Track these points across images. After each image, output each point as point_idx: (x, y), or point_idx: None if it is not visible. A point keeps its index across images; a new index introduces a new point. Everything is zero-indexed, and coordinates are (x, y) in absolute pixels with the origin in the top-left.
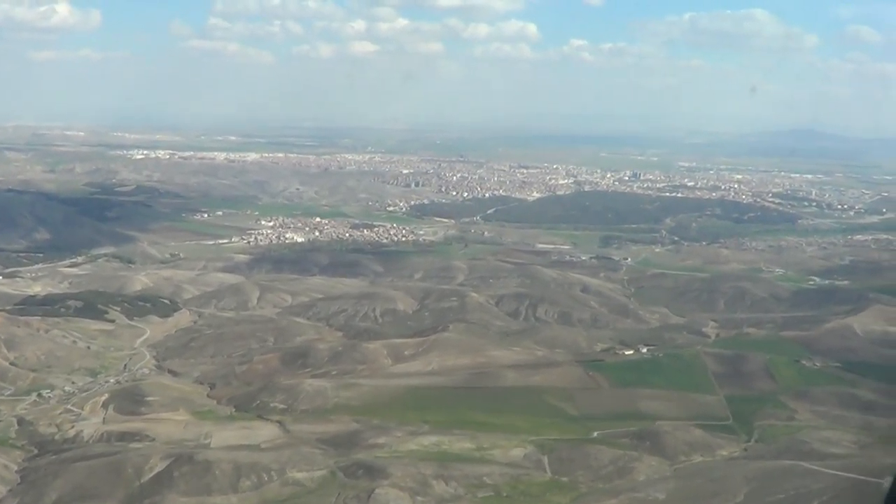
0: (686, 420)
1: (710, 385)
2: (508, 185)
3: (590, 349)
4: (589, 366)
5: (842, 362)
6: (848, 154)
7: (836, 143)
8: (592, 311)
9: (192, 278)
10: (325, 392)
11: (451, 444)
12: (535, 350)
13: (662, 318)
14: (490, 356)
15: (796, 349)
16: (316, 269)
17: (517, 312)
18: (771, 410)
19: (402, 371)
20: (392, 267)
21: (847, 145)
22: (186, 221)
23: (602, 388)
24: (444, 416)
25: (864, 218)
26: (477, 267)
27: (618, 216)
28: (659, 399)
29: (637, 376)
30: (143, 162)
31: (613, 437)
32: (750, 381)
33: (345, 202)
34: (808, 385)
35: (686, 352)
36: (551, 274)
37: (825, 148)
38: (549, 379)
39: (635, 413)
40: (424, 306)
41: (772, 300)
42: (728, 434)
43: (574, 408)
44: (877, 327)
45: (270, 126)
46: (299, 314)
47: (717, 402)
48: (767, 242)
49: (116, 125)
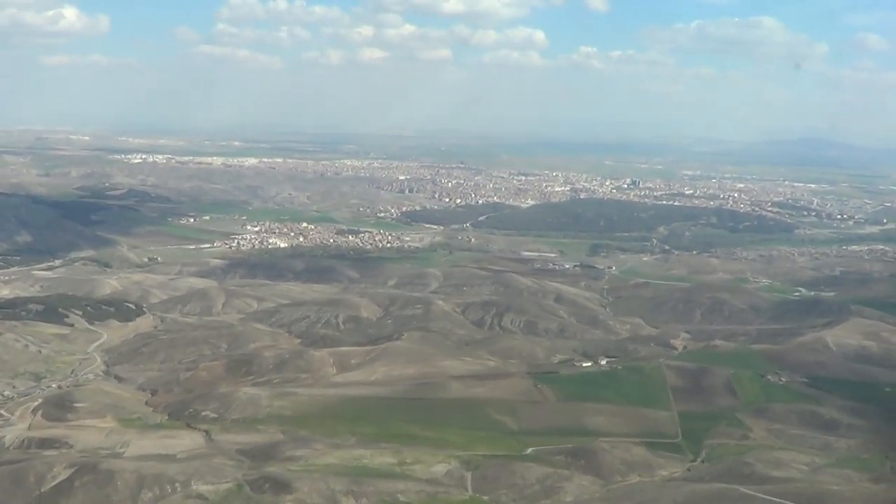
0: (632, 437)
1: (665, 400)
2: (503, 192)
3: (547, 360)
4: (540, 378)
5: (810, 378)
6: (857, 163)
7: (845, 152)
8: (560, 320)
9: (162, 283)
10: (258, 401)
11: (372, 457)
12: (488, 361)
13: (634, 329)
14: (438, 366)
15: (764, 363)
16: (291, 274)
17: (482, 321)
18: (725, 428)
19: (345, 380)
20: (367, 273)
21: (857, 154)
22: (172, 226)
23: (548, 402)
24: (375, 428)
25: (863, 228)
26: (452, 274)
27: (610, 224)
28: (607, 414)
29: (588, 390)
30: (139, 166)
31: (548, 453)
32: (709, 397)
33: (336, 208)
34: (770, 402)
35: (647, 365)
36: (526, 282)
37: (834, 157)
38: (495, 391)
39: (579, 429)
40: (388, 313)
41: (750, 312)
42: (674, 453)
43: (515, 422)
44: (852, 341)
45: (277, 132)
46: (262, 320)
47: (668, 419)
48: (759, 252)
49: (123, 130)
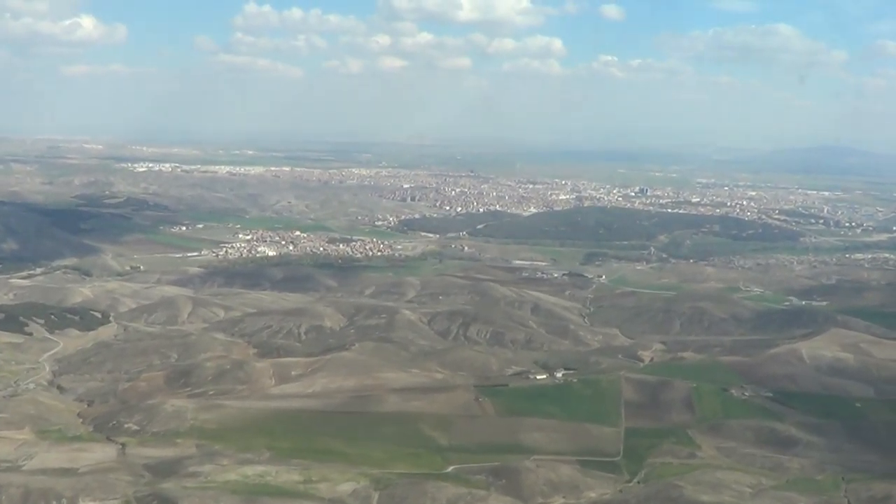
0: (568, 455)
1: (615, 415)
2: (507, 201)
3: (500, 373)
4: (486, 391)
5: (776, 392)
6: (875, 171)
7: (865, 160)
8: (529, 331)
9: (135, 292)
10: (183, 414)
11: (277, 475)
12: (436, 373)
13: (606, 340)
14: (380, 379)
15: (731, 376)
16: (268, 283)
17: (448, 332)
18: (672, 446)
19: (281, 393)
20: (346, 282)
21: (876, 162)
22: (163, 234)
23: (486, 417)
24: (295, 443)
25: (871, 236)
26: (430, 283)
27: (610, 232)
28: (546, 430)
29: (534, 404)
30: (143, 175)
31: (470, 472)
32: (664, 412)
33: (333, 216)
34: (727, 417)
35: (605, 378)
36: (505, 292)
37: (853, 165)
38: (432, 405)
39: (513, 445)
40: (353, 323)
41: (732, 322)
42: (609, 472)
43: (446, 438)
44: (827, 353)
45: (295, 140)
46: (225, 330)
47: (613, 436)
48: (757, 260)
49: (141, 139)
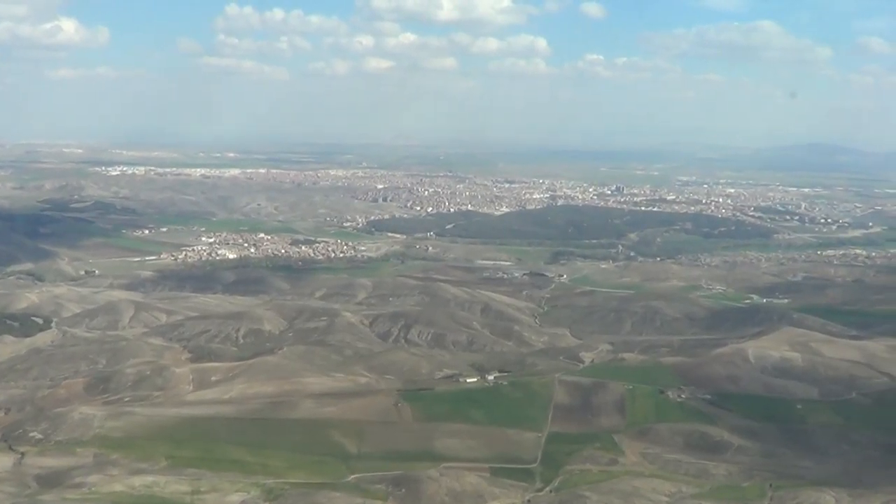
0: (482, 462)
1: (541, 420)
2: (479, 200)
3: (429, 376)
4: (409, 396)
5: (715, 393)
6: (861, 168)
7: (852, 158)
8: (472, 333)
9: (82, 296)
10: (90, 422)
11: (166, 486)
12: (360, 377)
13: (552, 341)
14: (300, 384)
15: (670, 378)
16: (220, 286)
17: (388, 334)
18: (593, 452)
19: (197, 399)
20: (298, 284)
21: (863, 159)
22: (124, 238)
23: (402, 423)
24: (196, 451)
25: (846, 232)
26: (382, 285)
27: (579, 231)
28: (464, 436)
29: (457, 409)
30: (115, 178)
31: (370, 481)
32: (593, 416)
33: (302, 218)
34: (659, 421)
35: (538, 380)
36: (456, 292)
37: (840, 162)
38: (348, 411)
39: (425, 452)
40: (292, 326)
41: (685, 321)
42: (520, 481)
43: (357, 445)
44: (775, 353)
45: (280, 143)
46: (163, 334)
47: (533, 441)
48: (724, 258)
49: (122, 142)
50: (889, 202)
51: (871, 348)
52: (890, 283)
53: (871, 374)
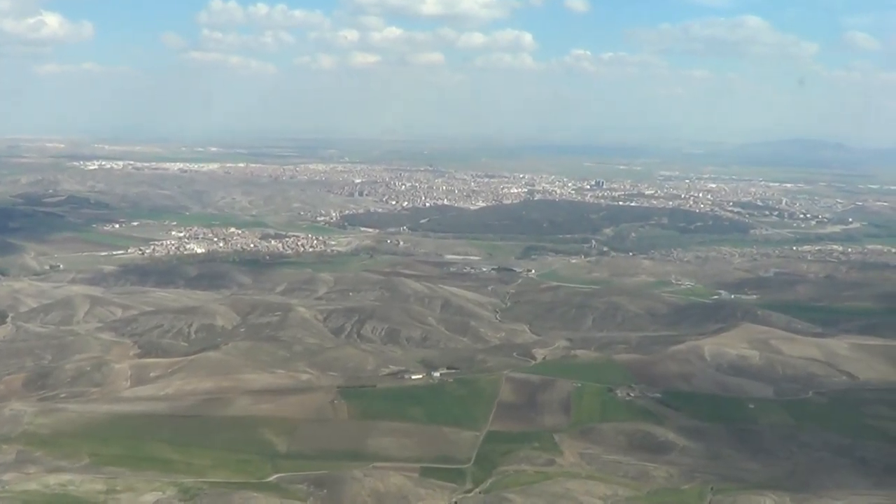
0: (415, 461)
1: (481, 418)
2: (456, 195)
3: (374, 373)
4: (350, 393)
5: (666, 392)
6: (846, 164)
7: (838, 153)
8: (427, 328)
9: (42, 291)
10: (20, 418)
11: (81, 484)
12: (303, 373)
13: (508, 337)
14: (239, 380)
15: (621, 376)
16: (182, 281)
17: (342, 329)
18: (530, 452)
19: (133, 395)
20: (260, 279)
21: (849, 155)
22: (94, 232)
23: (336, 421)
24: (122, 449)
25: (824, 228)
26: (343, 279)
27: (554, 226)
28: (398, 435)
29: (395, 407)
30: (92, 173)
31: (292, 481)
32: (538, 414)
33: (275, 212)
34: (604, 420)
35: (485, 378)
36: (417, 287)
37: (825, 158)
38: (283, 409)
39: (356, 452)
40: (245, 321)
41: (647, 317)
42: (449, 482)
43: (287, 443)
44: (732, 350)
45: (265, 137)
46: (117, 329)
47: (470, 440)
48: (697, 253)
49: (107, 137)
50: (871, 197)
51: (833, 346)
52: (861, 279)
53: (830, 372)
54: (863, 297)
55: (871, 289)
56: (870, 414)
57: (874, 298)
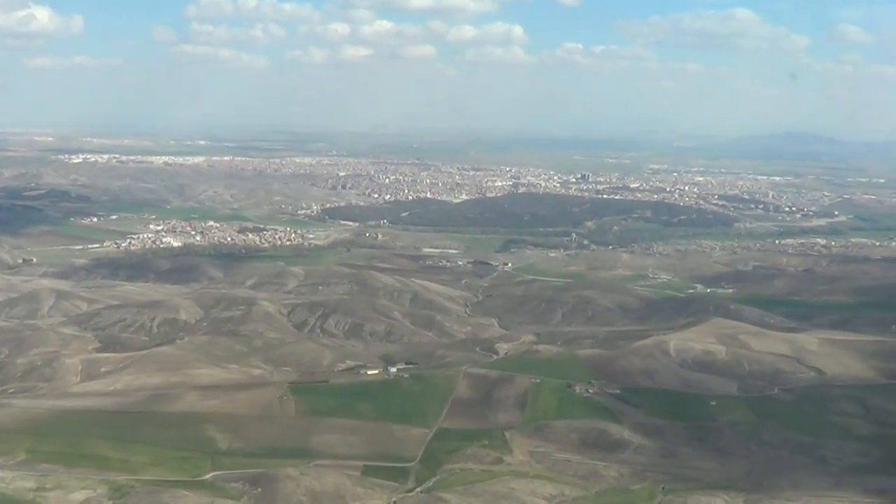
0: (359, 459)
1: (433, 415)
2: (440, 188)
3: (330, 368)
4: (301, 389)
5: (627, 388)
6: (838, 157)
7: (830, 147)
8: (391, 323)
9: (11, 285)
10: None
11: (11, 482)
12: (255, 369)
13: (475, 332)
14: (190, 375)
15: (582, 371)
16: (153, 274)
17: (305, 323)
18: (479, 450)
19: (82, 391)
20: (231, 273)
21: (840, 148)
22: (71, 226)
23: (283, 418)
24: (60, 446)
25: (810, 221)
26: (314, 273)
27: (536, 219)
28: (344, 432)
29: (346, 403)
30: (76, 166)
31: (228, 479)
32: (493, 411)
33: (257, 205)
34: (559, 417)
35: (442, 373)
36: (388, 281)
37: (816, 151)
38: (230, 404)
39: (300, 449)
40: (208, 315)
41: (617, 311)
42: (392, 480)
43: (230, 440)
44: (698, 345)
45: (257, 131)
46: (81, 323)
47: (419, 438)
48: (677, 246)
49: (98, 131)
50: (859, 191)
51: (803, 341)
52: (841, 272)
53: (798, 368)
54: (839, 291)
55: (848, 282)
56: (835, 411)
57: (850, 292)
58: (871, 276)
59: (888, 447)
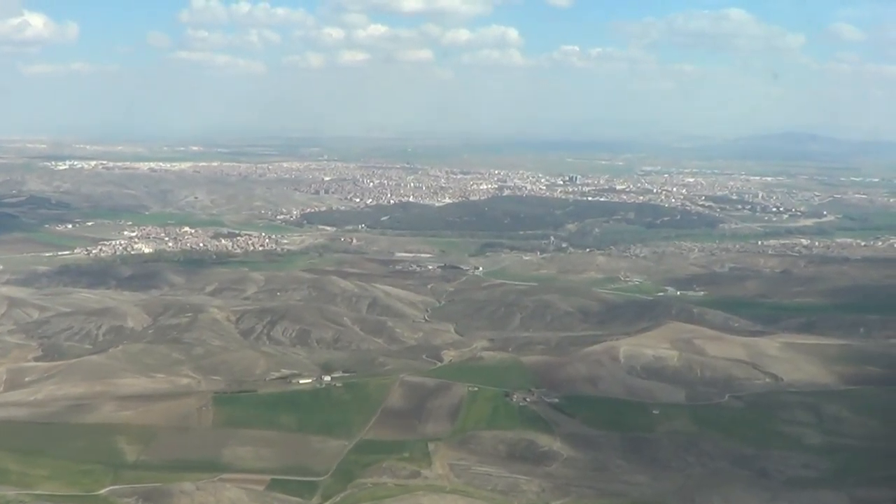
0: (267, 473)
1: (357, 426)
2: (424, 191)
3: (261, 377)
4: (226, 399)
5: (568, 396)
6: (833, 157)
7: (826, 146)
8: (341, 329)
9: None
10: None
11: None
12: (184, 378)
13: (427, 338)
14: (114, 385)
15: (525, 379)
16: (114, 281)
17: (252, 330)
18: (396, 463)
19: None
20: (193, 279)
21: (836, 148)
22: (45, 233)
23: (197, 429)
24: None
25: (796, 221)
26: (274, 279)
27: (517, 222)
28: (258, 444)
29: (266, 414)
30: (61, 173)
31: (124, 494)
32: (421, 422)
33: (236, 210)
34: (490, 428)
35: (378, 381)
36: (347, 286)
37: (812, 151)
38: (147, 415)
39: (209, 462)
40: (156, 322)
41: (578, 315)
42: (296, 495)
43: (138, 452)
44: (649, 351)
45: (253, 136)
46: (29, 331)
47: (335, 450)
48: (657, 248)
49: (93, 137)
50: (850, 190)
51: (763, 346)
52: (817, 274)
53: (753, 374)
54: (813, 292)
55: (822, 284)
56: (785, 420)
57: (823, 294)
58: (848, 277)
59: (836, 458)
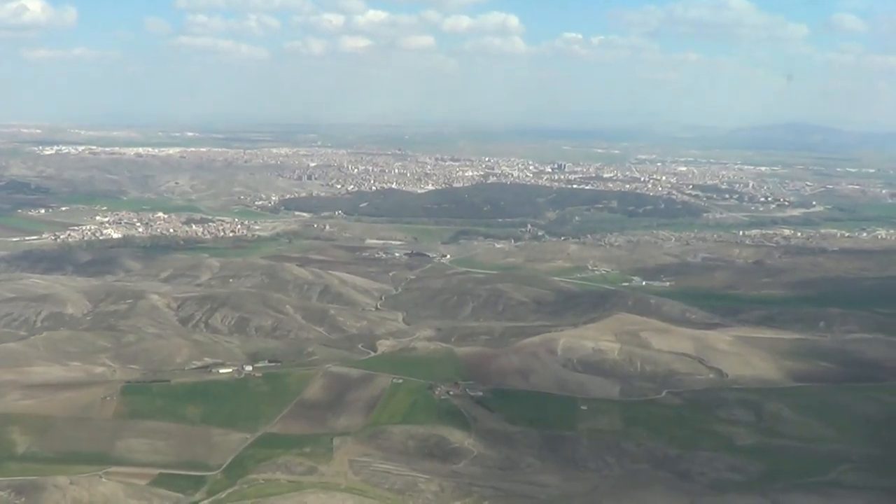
0: (158, 467)
1: (265, 419)
2: (408, 178)
3: (181, 366)
4: (131, 389)
5: (494, 390)
6: (833, 147)
7: (827, 137)
8: (280, 318)
9: None
10: None
11: None
12: (99, 366)
13: (370, 327)
14: (25, 373)
15: (454, 371)
16: (71, 267)
17: (191, 318)
18: (293, 458)
19: None
20: (150, 265)
21: (837, 138)
22: (16, 217)
23: (95, 420)
24: None
25: (784, 211)
26: (229, 265)
27: (496, 209)
28: (155, 436)
29: (170, 405)
30: (47, 158)
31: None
32: (335, 415)
33: (214, 196)
34: (404, 422)
35: (300, 372)
36: (301, 273)
37: (812, 142)
38: (49, 405)
39: (102, 454)
40: (95, 309)
41: (531, 305)
42: (181, 491)
43: (30, 443)
44: (590, 343)
45: (252, 122)
46: None
47: (234, 444)
48: (632, 237)
49: (91, 123)
50: (844, 181)
51: (713, 340)
52: (788, 265)
53: (697, 369)
54: (780, 284)
55: (792, 275)
56: (721, 418)
57: (789, 286)
58: (820, 269)
59: (768, 461)
